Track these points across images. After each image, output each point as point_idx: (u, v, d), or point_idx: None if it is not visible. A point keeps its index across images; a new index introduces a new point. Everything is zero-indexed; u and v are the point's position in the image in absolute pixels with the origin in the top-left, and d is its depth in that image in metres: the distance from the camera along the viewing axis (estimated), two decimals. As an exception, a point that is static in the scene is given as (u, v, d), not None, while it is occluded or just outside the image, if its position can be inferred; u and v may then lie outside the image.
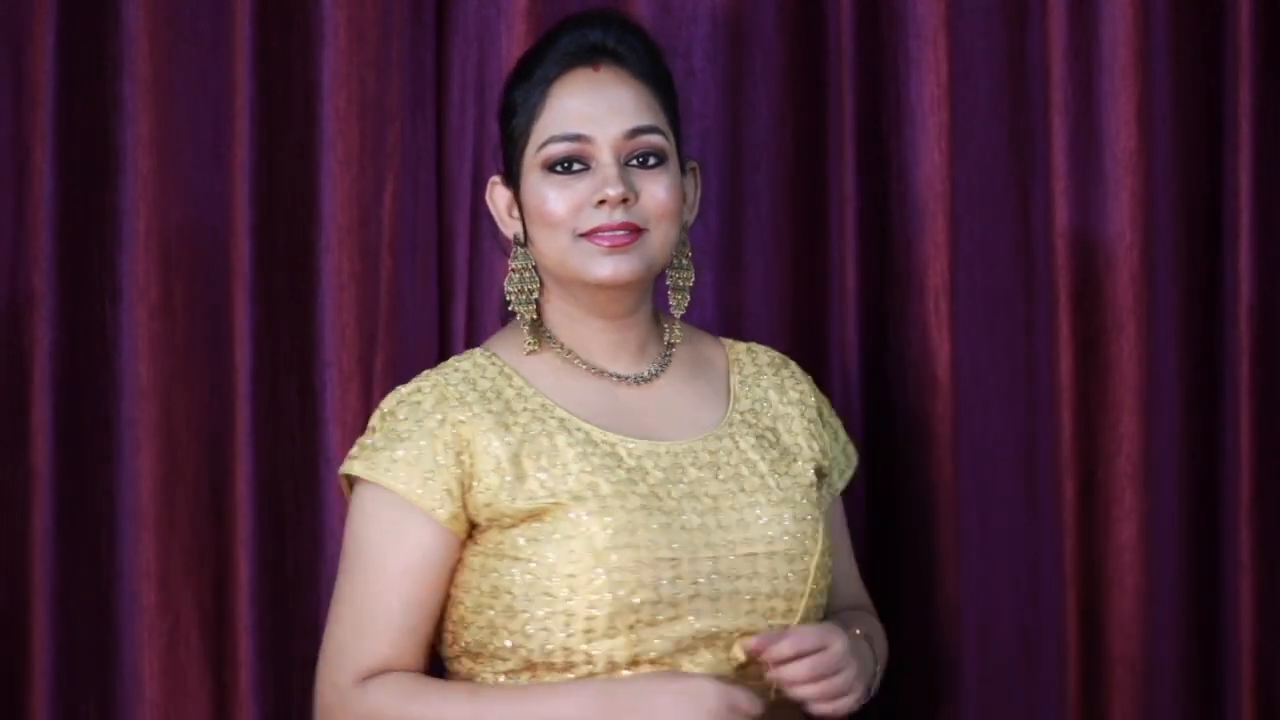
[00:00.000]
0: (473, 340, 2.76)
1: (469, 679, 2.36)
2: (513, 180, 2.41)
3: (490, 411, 2.33)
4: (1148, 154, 2.73)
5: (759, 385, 2.51)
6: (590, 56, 2.39)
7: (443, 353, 2.79)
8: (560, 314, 2.42)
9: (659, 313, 2.50)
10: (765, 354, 2.55)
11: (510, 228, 2.44)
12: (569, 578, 2.27)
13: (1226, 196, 2.75)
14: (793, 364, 2.56)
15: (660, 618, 2.28)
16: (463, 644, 2.35)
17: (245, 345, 2.75)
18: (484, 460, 2.31)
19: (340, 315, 2.78)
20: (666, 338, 2.48)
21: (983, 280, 2.76)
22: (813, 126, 2.82)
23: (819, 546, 2.39)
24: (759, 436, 2.45)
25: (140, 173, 2.76)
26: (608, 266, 2.35)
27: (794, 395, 2.52)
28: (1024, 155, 2.75)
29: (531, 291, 2.41)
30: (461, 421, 2.32)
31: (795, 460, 2.47)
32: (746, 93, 2.83)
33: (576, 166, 2.36)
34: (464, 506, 2.32)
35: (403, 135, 2.77)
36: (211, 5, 2.77)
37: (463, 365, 2.39)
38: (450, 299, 2.80)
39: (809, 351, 2.81)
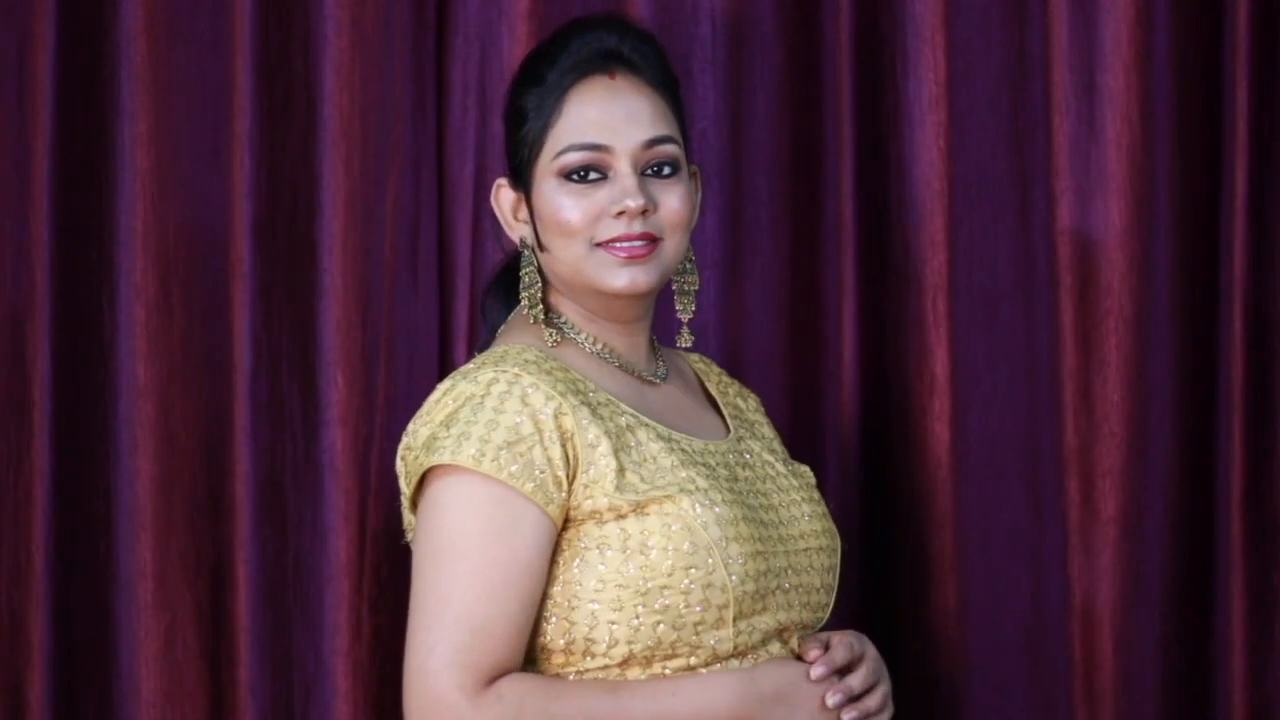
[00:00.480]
0: (475, 339, 2.76)
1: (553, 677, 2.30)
2: (522, 184, 2.40)
3: (584, 403, 2.29)
4: (1147, 153, 2.74)
5: (728, 393, 2.54)
6: (606, 64, 2.37)
7: (443, 353, 2.79)
8: (578, 314, 2.41)
9: None
10: (714, 364, 2.58)
11: (516, 231, 2.42)
12: (687, 570, 2.24)
13: (1224, 195, 2.76)
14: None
15: (755, 610, 2.29)
16: (545, 639, 2.27)
17: (245, 345, 2.75)
18: (588, 452, 2.25)
19: (342, 315, 2.77)
20: (656, 344, 2.49)
21: (981, 279, 2.77)
22: (812, 126, 2.82)
23: (839, 541, 2.44)
24: (756, 440, 2.46)
25: (139, 171, 2.76)
26: (624, 277, 2.34)
27: (753, 402, 2.56)
28: (1023, 154, 2.76)
29: (539, 293, 2.39)
30: (563, 413, 2.26)
31: (791, 461, 2.50)
32: (746, 93, 2.83)
33: (593, 175, 2.34)
34: (568, 498, 2.26)
35: (404, 135, 2.77)
36: (211, 5, 2.77)
37: (526, 355, 2.32)
38: (451, 299, 2.80)
39: (808, 350, 2.82)
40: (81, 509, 2.75)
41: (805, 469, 2.49)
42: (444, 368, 2.77)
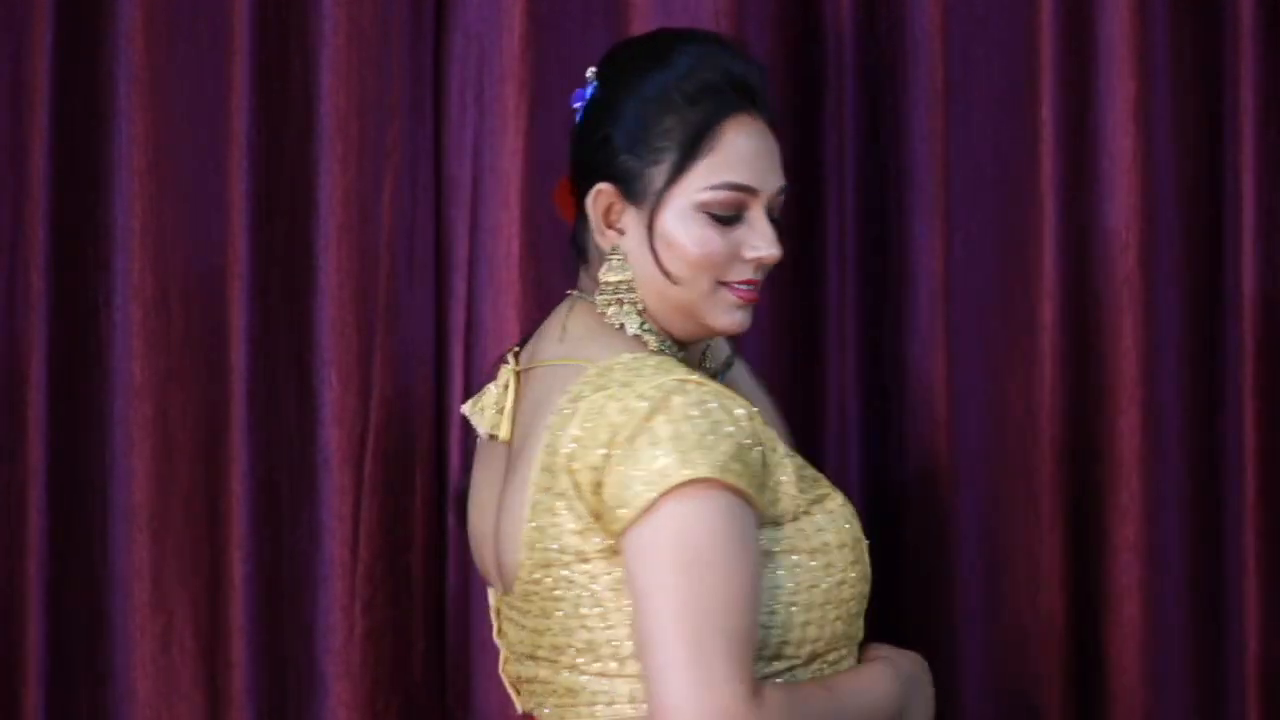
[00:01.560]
0: (472, 340, 2.76)
1: None
2: (639, 199, 2.31)
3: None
4: (1146, 153, 2.72)
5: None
6: (750, 98, 2.32)
7: (440, 353, 2.78)
8: (658, 325, 2.36)
9: None
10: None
11: (610, 239, 2.34)
12: (854, 564, 2.27)
13: (1228, 194, 2.74)
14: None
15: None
16: None
17: (241, 344, 2.75)
18: (772, 455, 2.24)
19: (338, 314, 2.77)
20: None
21: (980, 281, 2.75)
22: (811, 129, 2.81)
23: None
24: None
25: (136, 171, 2.76)
26: (736, 318, 2.34)
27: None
28: (1022, 155, 2.74)
29: (635, 303, 2.34)
30: (754, 418, 2.23)
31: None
32: (746, 93, 2.82)
33: (734, 215, 2.31)
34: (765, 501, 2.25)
35: (402, 134, 2.77)
36: (209, 4, 2.77)
37: (666, 364, 2.25)
38: (449, 299, 2.79)
39: (806, 353, 2.81)
40: (77, 508, 2.76)
41: None
42: (440, 368, 2.77)
